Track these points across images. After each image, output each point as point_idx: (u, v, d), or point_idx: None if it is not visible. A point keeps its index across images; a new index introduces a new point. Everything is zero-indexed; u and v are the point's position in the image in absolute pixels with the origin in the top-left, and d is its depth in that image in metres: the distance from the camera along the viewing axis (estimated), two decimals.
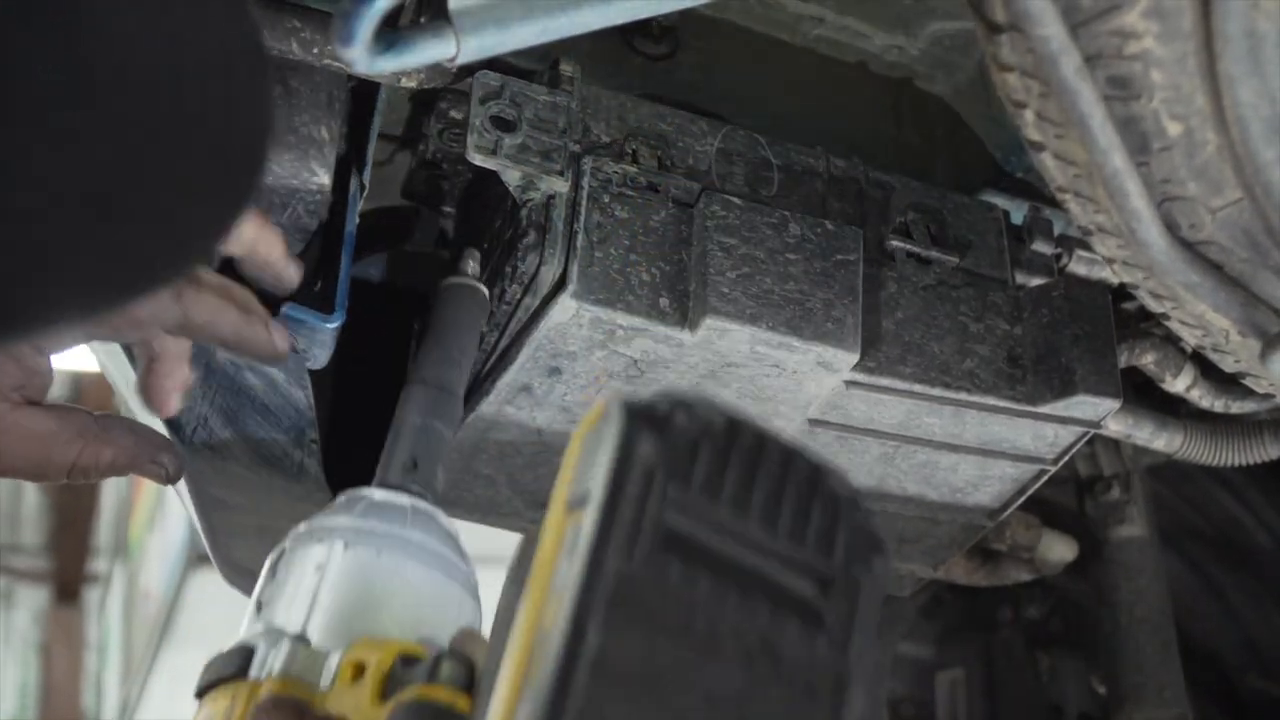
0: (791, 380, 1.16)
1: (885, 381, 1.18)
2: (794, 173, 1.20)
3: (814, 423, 1.23)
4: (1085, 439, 1.28)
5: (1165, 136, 0.89)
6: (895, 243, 1.22)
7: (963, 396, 1.20)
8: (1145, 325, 1.38)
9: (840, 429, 1.25)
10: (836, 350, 1.13)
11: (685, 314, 1.10)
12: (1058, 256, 1.29)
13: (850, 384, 1.18)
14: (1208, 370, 1.36)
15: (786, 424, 1.22)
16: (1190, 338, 1.15)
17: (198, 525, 1.30)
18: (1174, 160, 0.90)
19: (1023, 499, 1.38)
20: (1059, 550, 1.89)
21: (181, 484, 1.18)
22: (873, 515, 0.62)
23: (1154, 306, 1.12)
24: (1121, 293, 1.28)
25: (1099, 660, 2.02)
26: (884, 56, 1.40)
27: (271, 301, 0.98)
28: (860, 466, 1.31)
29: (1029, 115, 0.96)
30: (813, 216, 1.17)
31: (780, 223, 1.15)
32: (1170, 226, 0.96)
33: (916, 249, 1.23)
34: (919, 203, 1.26)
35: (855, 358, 1.14)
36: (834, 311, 1.13)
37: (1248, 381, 1.21)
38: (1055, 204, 1.09)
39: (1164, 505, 2.21)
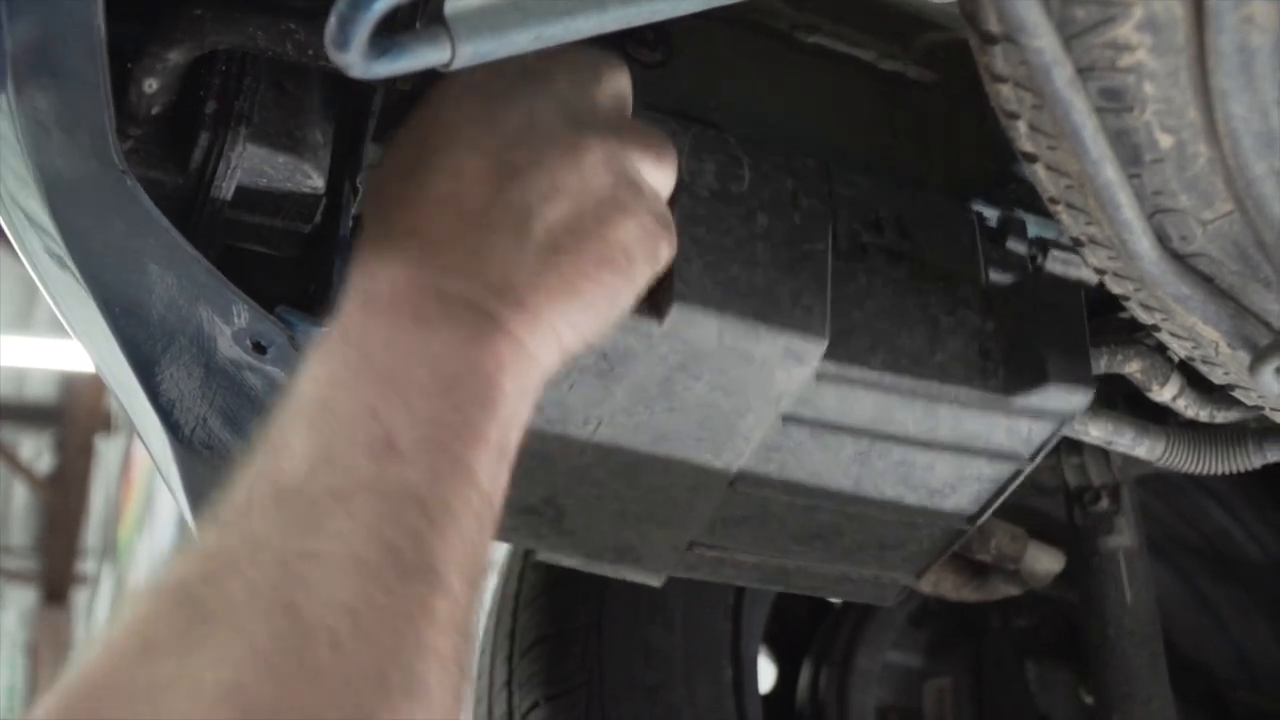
0: (761, 371, 1.16)
1: (855, 372, 1.19)
2: (763, 171, 1.20)
3: (787, 418, 1.24)
4: (1058, 434, 1.28)
5: (1157, 149, 0.89)
6: (867, 238, 1.23)
7: (933, 386, 1.21)
8: (1137, 335, 1.38)
9: (813, 424, 1.25)
10: (805, 338, 1.13)
11: (654, 304, 1.10)
12: (1033, 257, 1.30)
13: (820, 376, 1.18)
14: (1194, 380, 1.37)
15: (759, 420, 1.22)
16: (1180, 349, 1.15)
17: (192, 527, 1.30)
18: (1165, 173, 0.91)
19: (1000, 500, 1.38)
20: (1045, 562, 1.90)
21: (177, 485, 1.18)
22: None
23: (1144, 318, 1.13)
24: (1113, 303, 1.28)
25: (1087, 670, 2.03)
26: (879, 65, 1.41)
27: (264, 303, 0.98)
28: (836, 466, 1.31)
29: (1022, 126, 0.96)
30: (782, 208, 1.18)
31: (748, 213, 1.15)
32: (1161, 238, 0.96)
33: (888, 244, 1.23)
34: (891, 200, 1.26)
35: (824, 345, 1.14)
36: (802, 299, 1.14)
37: (1237, 393, 1.22)
38: (1048, 215, 1.09)
39: (1153, 516, 2.22)
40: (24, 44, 0.79)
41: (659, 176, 0.98)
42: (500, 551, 2.12)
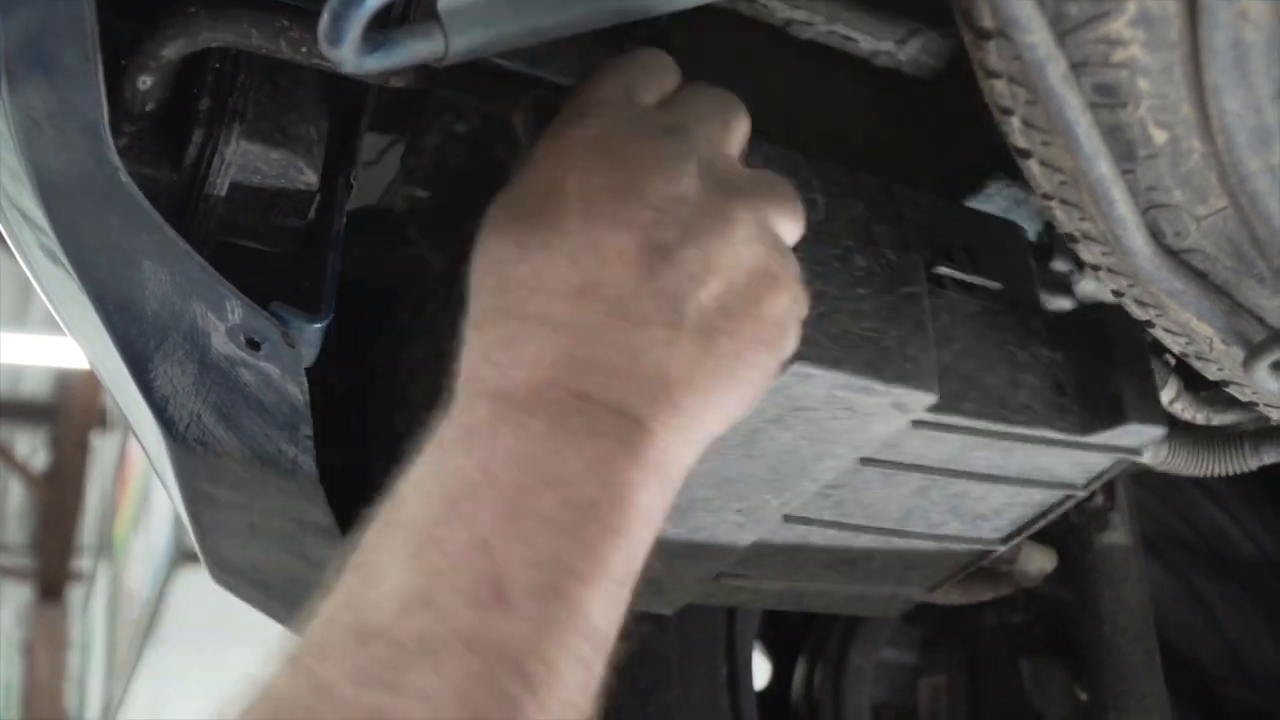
0: (860, 422, 1.11)
1: (949, 419, 1.14)
2: (833, 194, 1.16)
3: (865, 461, 1.20)
4: (1120, 465, 1.26)
5: (1151, 144, 0.89)
6: (942, 268, 1.18)
7: (1021, 430, 1.17)
8: None
9: (890, 466, 1.21)
10: (915, 391, 1.08)
11: None
12: (1069, 273, 1.29)
13: (917, 423, 1.14)
14: (1191, 383, 1.37)
15: (837, 462, 1.18)
16: (1174, 346, 1.15)
17: (186, 523, 1.30)
18: (1159, 168, 0.91)
19: (1039, 524, 1.37)
20: (1038, 561, 1.89)
21: (171, 481, 1.18)
22: None
23: (1138, 314, 1.13)
24: None
25: (1081, 668, 2.03)
26: (874, 61, 1.41)
27: (259, 299, 0.98)
28: (893, 500, 1.28)
29: (1015, 122, 0.96)
30: (870, 245, 1.13)
31: (845, 254, 1.10)
32: (1155, 234, 0.96)
33: (962, 275, 1.19)
34: (952, 221, 1.22)
35: (934, 398, 1.09)
36: (909, 350, 1.08)
37: (1231, 390, 1.22)
38: (1040, 211, 1.09)
39: (1148, 513, 2.21)
40: (18, 40, 0.79)
41: (793, 231, 0.90)
42: None
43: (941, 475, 1.25)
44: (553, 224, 0.81)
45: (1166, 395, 1.39)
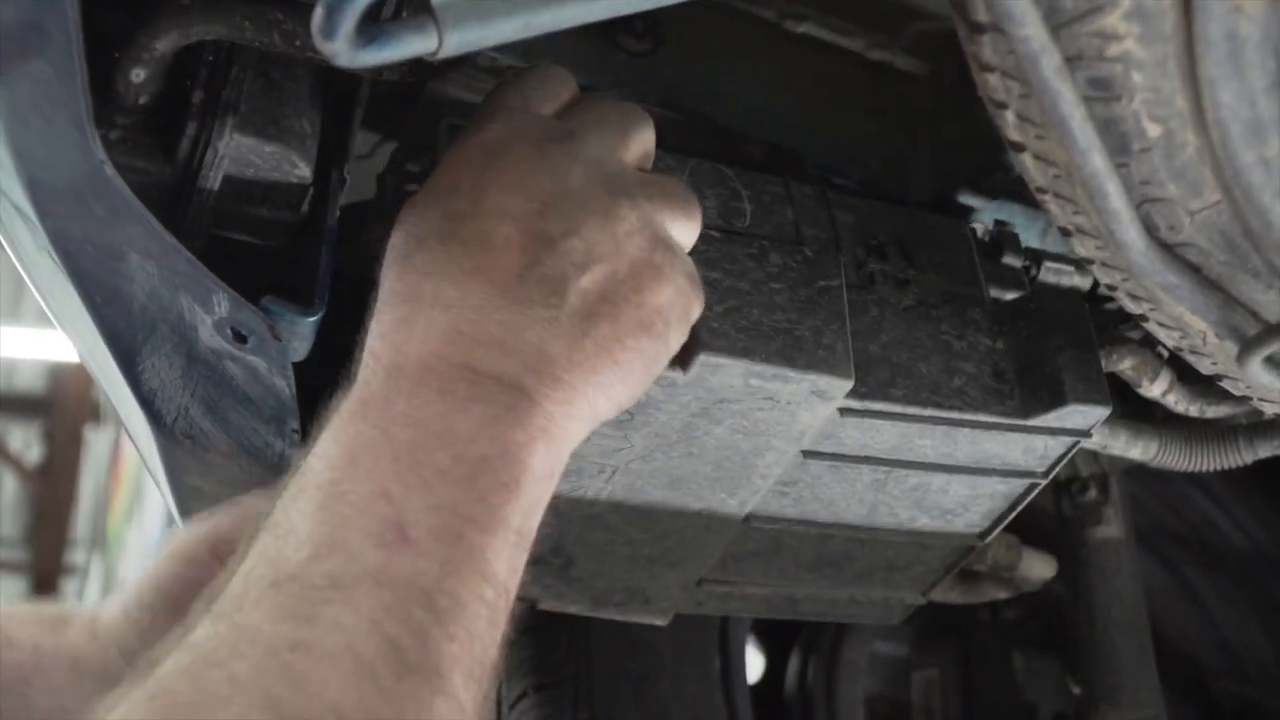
0: (785, 412, 1.15)
1: (878, 406, 1.17)
2: (763, 203, 1.19)
3: (807, 454, 1.22)
4: (1075, 449, 1.28)
5: (1145, 138, 0.89)
6: (873, 266, 1.22)
7: (955, 415, 1.20)
8: (1123, 328, 1.38)
9: (833, 458, 1.24)
10: (830, 378, 1.12)
11: (678, 355, 1.08)
12: (1027, 268, 1.29)
13: (844, 411, 1.17)
14: (1184, 375, 1.37)
15: (779, 458, 1.21)
16: (1168, 339, 1.15)
17: (175, 516, 1.30)
18: (1153, 162, 0.90)
19: (1013, 515, 1.38)
20: (1038, 569, 1.91)
21: (160, 474, 1.17)
22: None
23: (1132, 308, 1.13)
24: (1098, 295, 1.28)
25: (1074, 661, 2.03)
26: (867, 55, 1.41)
27: (251, 292, 0.97)
28: (852, 495, 1.30)
29: (1010, 116, 0.96)
30: (790, 244, 1.17)
31: (760, 253, 1.14)
32: (1149, 228, 0.96)
33: (894, 271, 1.23)
34: (891, 224, 1.26)
35: (850, 384, 1.12)
36: (824, 339, 1.12)
37: (1224, 384, 1.22)
38: (1035, 204, 1.09)
39: (1141, 507, 2.22)
40: (1, 35, 0.79)
41: (686, 231, 0.96)
42: None
43: (891, 466, 1.27)
44: (449, 217, 0.88)
45: (1159, 388, 1.39)
